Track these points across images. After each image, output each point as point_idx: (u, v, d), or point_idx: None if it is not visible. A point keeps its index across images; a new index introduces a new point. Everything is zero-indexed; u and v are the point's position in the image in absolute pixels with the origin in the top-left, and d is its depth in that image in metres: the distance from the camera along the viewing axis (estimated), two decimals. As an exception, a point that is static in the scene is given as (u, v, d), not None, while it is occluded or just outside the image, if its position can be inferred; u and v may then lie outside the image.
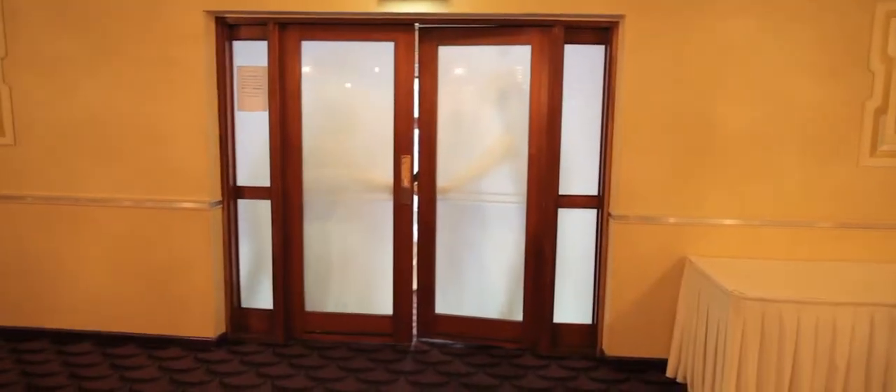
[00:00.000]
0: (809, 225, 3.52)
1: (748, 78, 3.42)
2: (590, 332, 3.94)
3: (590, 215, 3.87)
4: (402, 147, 3.87)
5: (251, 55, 3.91)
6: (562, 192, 3.78)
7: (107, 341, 3.93)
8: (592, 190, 3.83)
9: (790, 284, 3.08)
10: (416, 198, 4.01)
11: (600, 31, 3.66)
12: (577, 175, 3.83)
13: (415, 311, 4.14)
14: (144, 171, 3.81)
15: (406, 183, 3.88)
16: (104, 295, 3.95)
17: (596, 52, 3.72)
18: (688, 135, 3.49)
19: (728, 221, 3.53)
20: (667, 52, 3.43)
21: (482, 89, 3.93)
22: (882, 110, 3.41)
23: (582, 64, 3.74)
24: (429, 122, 3.89)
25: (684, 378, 3.46)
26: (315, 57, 3.91)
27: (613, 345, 3.72)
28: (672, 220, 3.55)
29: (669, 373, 3.55)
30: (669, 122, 3.49)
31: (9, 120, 3.85)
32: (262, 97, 3.92)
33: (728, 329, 2.89)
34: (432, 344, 4.04)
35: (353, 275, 4.14)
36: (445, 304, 4.08)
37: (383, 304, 4.08)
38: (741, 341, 2.85)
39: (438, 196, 3.97)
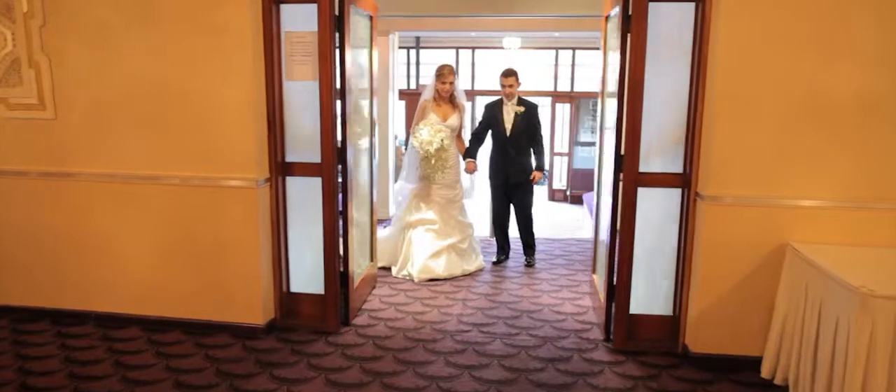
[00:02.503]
0: (937, 208, 3.05)
1: (865, 36, 2.94)
2: (670, 325, 3.56)
3: (673, 196, 3.46)
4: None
5: (299, 19, 3.60)
6: (642, 169, 3.39)
7: (153, 326, 3.73)
8: (677, 167, 3.42)
9: (923, 279, 2.64)
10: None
11: (691, -13, 3.23)
12: (660, 150, 3.43)
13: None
14: (190, 146, 3.56)
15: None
16: (150, 278, 3.75)
17: (684, 11, 3.28)
18: (792, 103, 3.04)
19: (838, 203, 3.08)
20: (770, 9, 2.97)
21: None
22: None
23: (666, 25, 3.31)
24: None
25: (785, 380, 3.06)
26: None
27: (699, 340, 3.33)
28: (771, 200, 3.13)
29: (765, 373, 3.15)
30: (770, 90, 3.04)
31: (49, 92, 3.64)
32: (311, 65, 3.61)
33: (852, 330, 2.47)
34: (493, 334, 3.73)
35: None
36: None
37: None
38: (869, 345, 2.44)
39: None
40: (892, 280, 2.57)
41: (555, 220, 8.16)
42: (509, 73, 5.06)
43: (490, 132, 5.21)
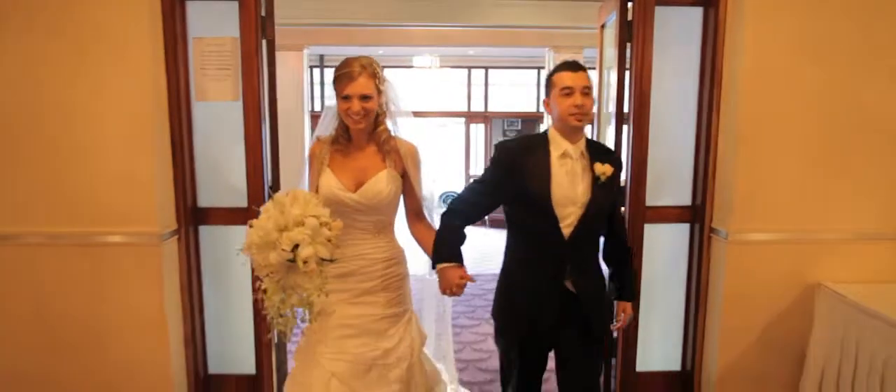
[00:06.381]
0: None
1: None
2: (679, 382, 3.05)
3: (679, 232, 2.98)
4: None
5: (212, 22, 2.77)
6: (648, 202, 2.87)
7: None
8: (685, 199, 2.94)
9: None
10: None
11: (700, -11, 2.78)
12: (664, 180, 2.93)
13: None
14: (62, 190, 2.58)
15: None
16: (10, 381, 2.69)
17: (689, 17, 2.82)
18: (824, 124, 2.65)
19: (877, 235, 2.72)
20: (803, 15, 2.57)
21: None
22: None
23: (663, 33, 2.83)
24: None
25: (826, 442, 2.63)
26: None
27: (722, 400, 2.85)
28: (802, 235, 2.71)
29: (799, 433, 2.69)
30: (804, 108, 2.63)
31: None
32: (230, 81, 2.78)
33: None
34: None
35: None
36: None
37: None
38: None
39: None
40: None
41: (481, 251, 7.58)
42: (576, 66, 2.05)
43: (507, 210, 2.16)
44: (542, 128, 3.20)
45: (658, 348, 3.06)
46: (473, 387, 3.32)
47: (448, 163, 10.28)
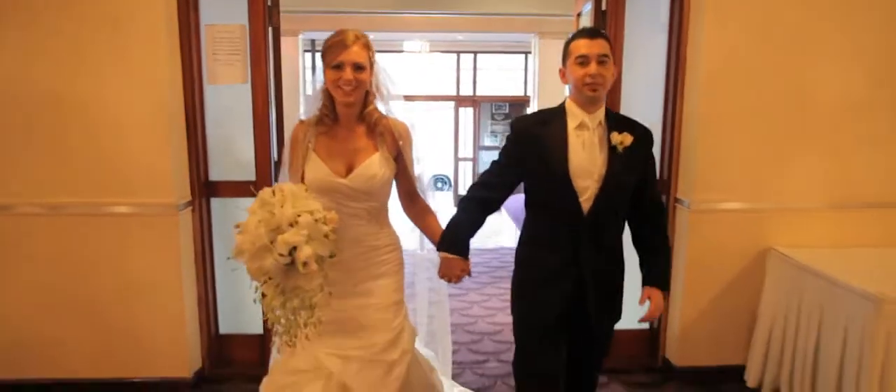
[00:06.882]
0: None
1: (845, 35, 2.91)
2: (647, 339, 3.37)
3: (648, 202, 3.28)
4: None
5: (221, 10, 3.02)
6: (620, 176, 3.17)
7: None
8: (653, 172, 3.24)
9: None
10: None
11: (666, -22, 3.06)
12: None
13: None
14: (85, 166, 2.84)
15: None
16: (36, 340, 2.96)
17: (658, 7, 3.11)
18: (775, 105, 2.95)
19: (820, 204, 3.03)
20: (755, 4, 2.86)
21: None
22: None
23: (635, 21, 3.11)
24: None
25: (775, 388, 2.96)
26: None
27: (684, 354, 3.16)
28: (755, 205, 3.02)
29: (751, 383, 3.04)
30: (754, 91, 2.93)
31: None
32: (240, 65, 3.03)
33: (865, 337, 2.39)
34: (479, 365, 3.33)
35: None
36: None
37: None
38: (885, 352, 2.36)
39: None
40: None
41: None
42: (594, 33, 1.99)
43: (526, 186, 2.12)
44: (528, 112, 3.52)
45: (631, 309, 3.36)
46: (462, 346, 3.62)
47: (437, 146, 10.56)
